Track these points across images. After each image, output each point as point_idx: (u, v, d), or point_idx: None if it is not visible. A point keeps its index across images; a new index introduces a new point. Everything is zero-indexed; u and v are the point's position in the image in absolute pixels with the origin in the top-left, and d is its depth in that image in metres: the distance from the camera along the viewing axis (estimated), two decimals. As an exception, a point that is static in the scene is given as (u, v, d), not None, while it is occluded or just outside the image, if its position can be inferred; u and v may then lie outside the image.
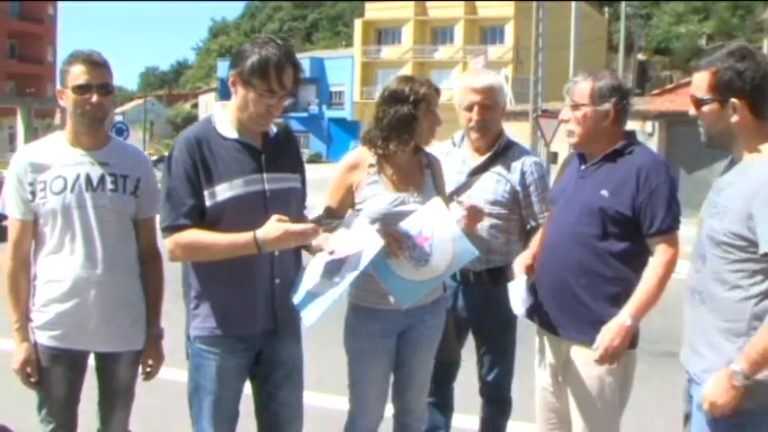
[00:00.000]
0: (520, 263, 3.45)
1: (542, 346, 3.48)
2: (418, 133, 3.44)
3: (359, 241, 3.10)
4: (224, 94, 68.56)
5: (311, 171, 3.86)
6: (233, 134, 3.00)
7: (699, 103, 2.76)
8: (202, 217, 2.94)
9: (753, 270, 2.60)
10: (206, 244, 2.91)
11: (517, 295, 3.39)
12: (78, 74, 3.13)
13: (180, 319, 3.14)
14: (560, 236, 3.29)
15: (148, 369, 3.40)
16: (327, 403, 4.82)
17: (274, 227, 2.86)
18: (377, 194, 3.44)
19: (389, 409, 3.68)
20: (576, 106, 3.25)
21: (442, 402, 4.13)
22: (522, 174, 3.85)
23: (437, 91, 3.53)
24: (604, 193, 3.17)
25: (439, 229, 3.32)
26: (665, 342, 6.77)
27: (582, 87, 3.24)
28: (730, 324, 2.65)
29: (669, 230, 3.14)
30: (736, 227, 2.60)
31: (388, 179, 3.47)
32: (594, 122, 3.22)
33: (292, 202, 3.13)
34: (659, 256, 3.14)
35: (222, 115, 3.04)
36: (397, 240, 3.28)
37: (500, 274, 3.80)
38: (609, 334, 3.08)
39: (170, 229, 2.94)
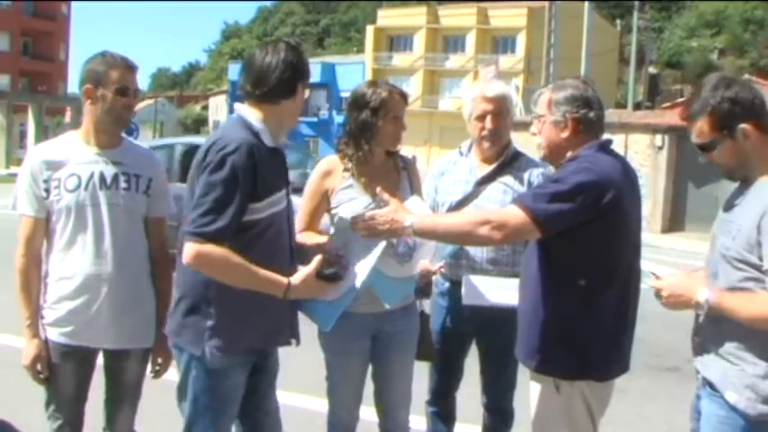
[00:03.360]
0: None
1: None
2: (378, 139, 3.47)
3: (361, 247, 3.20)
4: (235, 97, 68.61)
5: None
6: (273, 144, 2.97)
7: (709, 148, 2.74)
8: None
9: (761, 288, 2.58)
10: (234, 264, 2.75)
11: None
12: (119, 77, 3.20)
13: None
14: (527, 254, 3.19)
15: (157, 367, 3.42)
16: (299, 403, 4.97)
17: (314, 285, 2.87)
18: (352, 198, 3.48)
19: (375, 417, 3.73)
20: (538, 117, 3.15)
21: (445, 412, 4.13)
22: (530, 185, 3.83)
23: (402, 96, 3.55)
24: None
25: None
26: (671, 357, 6.74)
27: (543, 98, 3.14)
28: (741, 341, 2.64)
29: (518, 203, 2.90)
30: (745, 245, 2.59)
31: (362, 183, 3.50)
32: (552, 133, 3.08)
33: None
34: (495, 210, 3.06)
35: (260, 122, 2.94)
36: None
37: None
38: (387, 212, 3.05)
39: (202, 237, 2.72)
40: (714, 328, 2.72)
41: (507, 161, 3.90)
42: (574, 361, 2.97)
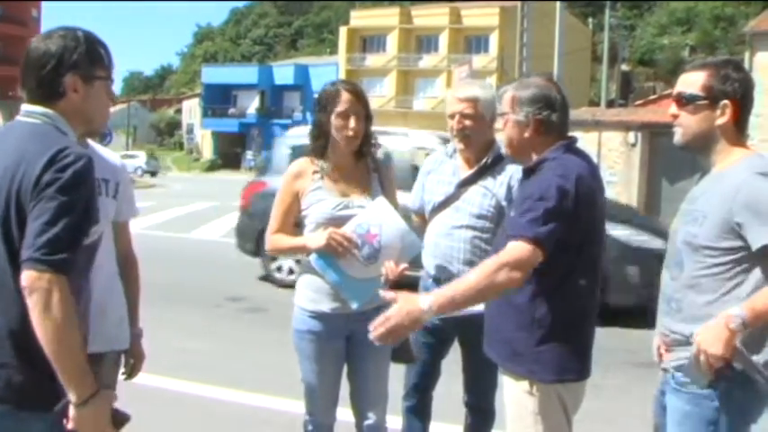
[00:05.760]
0: None
1: None
2: (331, 137, 3.48)
3: None
4: (208, 99, 68.56)
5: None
6: None
7: (688, 100, 2.76)
8: None
9: (736, 272, 2.61)
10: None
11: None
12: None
13: (164, 324, 3.12)
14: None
15: (130, 369, 3.41)
16: (278, 406, 4.97)
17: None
18: (321, 200, 3.50)
19: (352, 417, 3.73)
20: (502, 115, 3.14)
21: (420, 408, 4.13)
22: (509, 188, 3.82)
23: (354, 92, 3.50)
24: (512, 214, 3.07)
25: (386, 225, 3.45)
26: (646, 352, 6.79)
27: (507, 95, 3.12)
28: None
29: (521, 236, 2.81)
30: (717, 231, 2.62)
31: (331, 184, 3.53)
32: (514, 132, 3.07)
33: None
34: (502, 254, 2.85)
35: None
36: (347, 241, 3.37)
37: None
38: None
39: (53, 267, 2.15)
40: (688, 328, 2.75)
41: (489, 164, 3.89)
42: (554, 364, 2.97)
